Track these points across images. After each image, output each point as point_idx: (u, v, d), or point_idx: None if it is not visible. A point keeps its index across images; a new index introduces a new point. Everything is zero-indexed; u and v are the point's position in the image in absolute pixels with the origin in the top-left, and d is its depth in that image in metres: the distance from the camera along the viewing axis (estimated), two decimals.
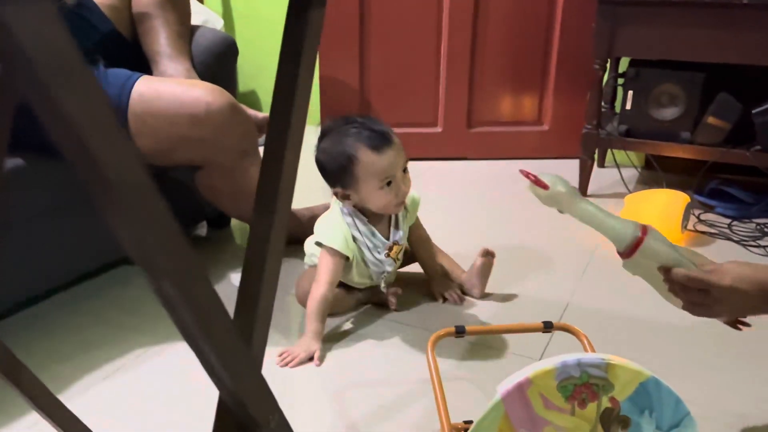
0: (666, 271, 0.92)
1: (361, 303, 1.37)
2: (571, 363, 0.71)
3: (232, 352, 0.45)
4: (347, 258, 1.26)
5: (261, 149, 1.42)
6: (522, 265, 1.57)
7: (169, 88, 1.25)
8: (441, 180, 2.19)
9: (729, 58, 1.72)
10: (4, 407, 1.04)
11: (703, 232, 1.76)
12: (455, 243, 1.56)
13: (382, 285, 1.33)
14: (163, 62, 1.45)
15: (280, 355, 1.18)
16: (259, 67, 2.94)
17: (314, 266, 1.32)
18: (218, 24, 2.66)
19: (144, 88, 1.23)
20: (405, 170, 1.22)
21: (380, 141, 1.17)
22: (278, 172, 0.50)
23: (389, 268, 1.30)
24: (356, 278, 1.32)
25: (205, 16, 2.62)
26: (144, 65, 1.46)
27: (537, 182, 0.93)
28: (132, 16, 1.48)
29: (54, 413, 0.72)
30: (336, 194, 1.24)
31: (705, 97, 1.80)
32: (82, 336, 1.25)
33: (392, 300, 1.33)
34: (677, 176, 2.09)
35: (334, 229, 1.25)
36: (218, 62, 1.55)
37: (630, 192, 2.01)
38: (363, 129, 1.18)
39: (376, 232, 1.28)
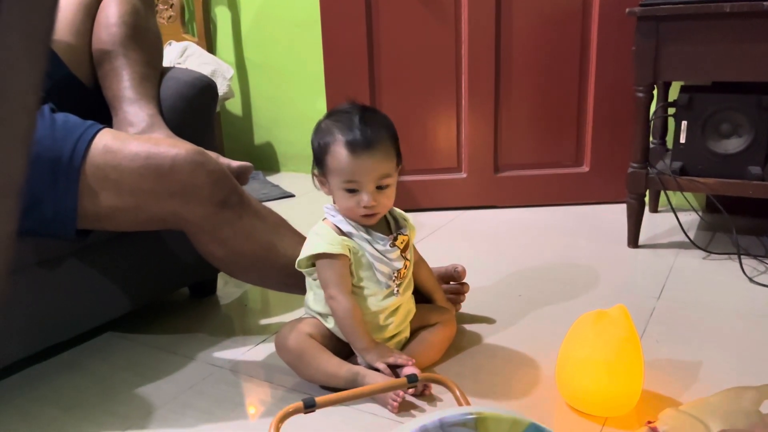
0: None
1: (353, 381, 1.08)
2: (432, 426, 0.61)
3: None
4: (346, 258, 1.11)
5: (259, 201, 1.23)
6: (557, 321, 1.27)
7: (134, 141, 1.12)
8: (467, 232, 1.92)
9: None
10: None
11: None
12: (483, 306, 1.38)
13: (394, 294, 1.15)
14: (123, 108, 1.27)
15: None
16: (273, 119, 2.78)
17: (307, 318, 1.20)
18: (228, 74, 2.52)
19: (110, 140, 1.10)
20: (382, 187, 1.11)
21: (360, 144, 1.09)
22: None
23: (398, 264, 1.14)
24: (364, 282, 1.13)
25: (213, 66, 2.48)
26: (104, 113, 1.28)
27: None
28: (92, 59, 1.32)
29: None
30: (314, 175, 1.19)
31: None
32: None
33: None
34: (747, 219, 1.75)
35: (316, 235, 1.14)
36: (190, 107, 1.35)
37: (690, 240, 1.69)
38: (354, 126, 1.10)
39: (371, 230, 1.14)
